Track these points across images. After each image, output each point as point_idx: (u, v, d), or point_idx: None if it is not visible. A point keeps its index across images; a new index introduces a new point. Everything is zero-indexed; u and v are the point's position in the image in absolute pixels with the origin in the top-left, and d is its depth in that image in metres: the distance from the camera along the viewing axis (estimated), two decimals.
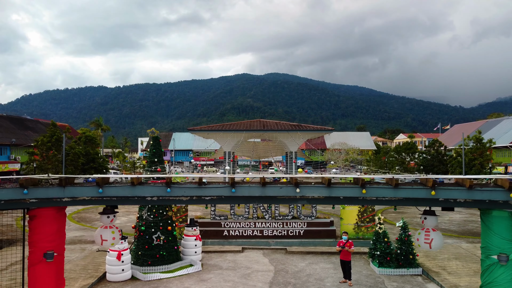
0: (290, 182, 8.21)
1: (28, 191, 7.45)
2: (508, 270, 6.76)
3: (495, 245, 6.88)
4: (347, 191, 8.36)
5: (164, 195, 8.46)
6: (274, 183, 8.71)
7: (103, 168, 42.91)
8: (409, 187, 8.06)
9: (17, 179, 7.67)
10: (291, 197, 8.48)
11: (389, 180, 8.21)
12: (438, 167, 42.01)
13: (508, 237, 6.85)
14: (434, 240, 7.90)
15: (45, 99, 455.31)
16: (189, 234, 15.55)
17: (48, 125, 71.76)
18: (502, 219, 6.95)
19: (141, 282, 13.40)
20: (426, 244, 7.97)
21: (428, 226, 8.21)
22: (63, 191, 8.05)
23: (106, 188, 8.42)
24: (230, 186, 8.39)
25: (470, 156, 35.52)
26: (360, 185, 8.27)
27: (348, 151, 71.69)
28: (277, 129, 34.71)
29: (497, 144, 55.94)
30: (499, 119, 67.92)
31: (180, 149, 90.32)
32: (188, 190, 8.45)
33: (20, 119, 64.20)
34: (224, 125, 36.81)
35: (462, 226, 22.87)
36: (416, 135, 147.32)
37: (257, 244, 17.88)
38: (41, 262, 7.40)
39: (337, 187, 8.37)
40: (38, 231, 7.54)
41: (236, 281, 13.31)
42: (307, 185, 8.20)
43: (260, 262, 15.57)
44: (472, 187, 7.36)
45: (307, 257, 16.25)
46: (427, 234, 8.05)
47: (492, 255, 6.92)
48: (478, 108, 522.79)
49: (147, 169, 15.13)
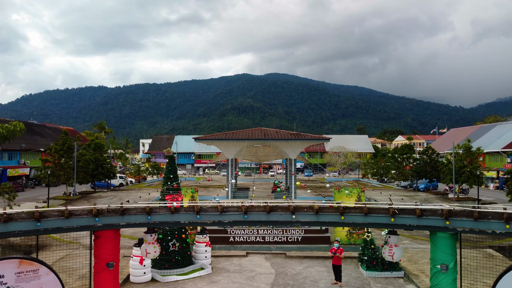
0: (288, 209, 10.31)
1: (99, 218, 9.65)
2: (448, 276, 8.98)
3: (439, 257, 9.10)
4: (330, 217, 10.46)
5: (195, 220, 10.58)
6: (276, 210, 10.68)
7: (111, 174, 45.06)
8: (375, 214, 10.20)
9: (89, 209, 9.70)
10: (289, 221, 10.59)
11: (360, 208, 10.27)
12: (431, 172, 44.12)
13: (448, 252, 9.09)
14: (396, 253, 10.15)
15: (45, 99, 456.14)
16: (200, 241, 17.73)
17: (55, 129, 73.92)
18: (444, 238, 9.16)
19: (160, 284, 15.56)
20: (390, 256, 10.20)
21: (391, 243, 10.42)
22: (123, 218, 10.19)
23: (153, 216, 10.51)
24: (243, 213, 10.48)
25: (460, 164, 37.57)
26: (340, 213, 10.33)
27: (347, 154, 73.76)
28: (277, 138, 36.85)
29: (490, 150, 58.13)
30: (493, 124, 70.06)
31: (182, 152, 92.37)
32: (212, 216, 10.58)
33: (27, 124, 66.22)
34: (227, 133, 38.92)
35: None
36: (414, 137, 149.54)
37: (259, 249, 20.04)
38: (104, 270, 9.60)
39: (322, 214, 10.46)
40: (102, 247, 9.72)
41: (243, 283, 15.47)
42: (300, 212, 10.30)
43: (263, 266, 17.74)
44: (420, 216, 9.62)
45: (304, 261, 18.42)
46: (390, 248, 10.29)
47: (437, 265, 9.12)
48: (478, 109, 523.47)
49: (164, 185, 17.28)
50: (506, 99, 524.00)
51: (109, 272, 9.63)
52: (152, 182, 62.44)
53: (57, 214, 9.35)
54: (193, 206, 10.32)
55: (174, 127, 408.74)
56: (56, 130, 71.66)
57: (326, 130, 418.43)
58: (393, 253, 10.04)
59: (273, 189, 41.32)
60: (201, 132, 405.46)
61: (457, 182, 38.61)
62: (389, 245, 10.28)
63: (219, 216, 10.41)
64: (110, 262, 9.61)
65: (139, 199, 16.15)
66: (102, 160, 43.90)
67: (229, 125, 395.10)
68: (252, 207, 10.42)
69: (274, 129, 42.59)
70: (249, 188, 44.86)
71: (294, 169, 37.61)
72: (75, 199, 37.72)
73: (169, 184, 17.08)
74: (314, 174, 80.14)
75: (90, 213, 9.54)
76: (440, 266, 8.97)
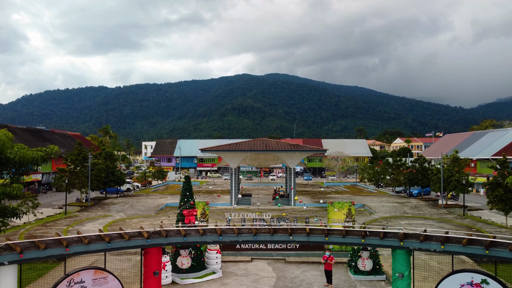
0: (287, 231, 13.24)
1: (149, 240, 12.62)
2: (404, 281, 11.90)
3: (397, 268, 12.01)
4: (318, 238, 13.38)
5: (218, 240, 13.55)
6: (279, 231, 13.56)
7: (121, 181, 48.04)
8: (351, 236, 13.15)
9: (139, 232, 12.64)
10: (288, 240, 13.55)
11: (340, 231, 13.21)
12: (422, 180, 47.05)
13: (404, 264, 12.03)
14: (367, 264, 13.14)
15: (45, 99, 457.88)
16: (212, 249, 20.71)
17: (63, 135, 76.83)
18: (401, 253, 12.08)
19: (179, 286, 18.53)
20: (363, 266, 13.17)
21: (363, 257, 13.39)
22: (166, 239, 13.14)
23: (187, 237, 13.44)
24: (253, 234, 13.40)
25: (448, 173, 40.53)
26: (325, 234, 13.25)
27: (345, 159, 76.74)
28: (278, 150, 39.84)
29: (481, 156, 61.17)
30: (485, 131, 73.00)
31: (185, 156, 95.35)
32: (231, 237, 13.55)
33: (38, 131, 69.22)
34: (231, 145, 41.87)
35: None
36: (413, 139, 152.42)
37: (262, 255, 23.03)
38: (151, 277, 12.55)
39: (312, 235, 13.38)
40: (149, 260, 12.68)
41: (249, 285, 18.46)
42: (296, 233, 13.22)
43: (266, 270, 20.73)
44: (383, 237, 12.58)
45: (301, 266, 21.41)
46: (363, 261, 13.24)
47: (396, 273, 12.04)
48: (478, 109, 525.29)
49: (181, 201, 20.24)
50: (506, 100, 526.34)
51: (155, 278, 12.56)
52: (158, 187, 65.42)
53: (119, 236, 12.31)
54: (215, 229, 13.26)
55: (174, 127, 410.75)
56: (64, 136, 74.57)
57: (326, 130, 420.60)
58: (365, 264, 12.99)
59: (273, 196, 44.29)
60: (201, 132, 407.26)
61: (445, 190, 41.66)
62: (362, 258, 13.24)
63: (236, 237, 13.36)
64: (155, 271, 12.54)
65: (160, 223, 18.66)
66: (112, 168, 46.88)
67: (229, 125, 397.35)
68: (260, 230, 13.36)
69: (275, 140, 45.56)
70: (251, 195, 47.88)
71: (294, 181, 40.57)
72: (90, 206, 40.74)
73: (186, 201, 20.07)
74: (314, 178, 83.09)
75: (141, 235, 12.46)
76: (398, 274, 11.90)
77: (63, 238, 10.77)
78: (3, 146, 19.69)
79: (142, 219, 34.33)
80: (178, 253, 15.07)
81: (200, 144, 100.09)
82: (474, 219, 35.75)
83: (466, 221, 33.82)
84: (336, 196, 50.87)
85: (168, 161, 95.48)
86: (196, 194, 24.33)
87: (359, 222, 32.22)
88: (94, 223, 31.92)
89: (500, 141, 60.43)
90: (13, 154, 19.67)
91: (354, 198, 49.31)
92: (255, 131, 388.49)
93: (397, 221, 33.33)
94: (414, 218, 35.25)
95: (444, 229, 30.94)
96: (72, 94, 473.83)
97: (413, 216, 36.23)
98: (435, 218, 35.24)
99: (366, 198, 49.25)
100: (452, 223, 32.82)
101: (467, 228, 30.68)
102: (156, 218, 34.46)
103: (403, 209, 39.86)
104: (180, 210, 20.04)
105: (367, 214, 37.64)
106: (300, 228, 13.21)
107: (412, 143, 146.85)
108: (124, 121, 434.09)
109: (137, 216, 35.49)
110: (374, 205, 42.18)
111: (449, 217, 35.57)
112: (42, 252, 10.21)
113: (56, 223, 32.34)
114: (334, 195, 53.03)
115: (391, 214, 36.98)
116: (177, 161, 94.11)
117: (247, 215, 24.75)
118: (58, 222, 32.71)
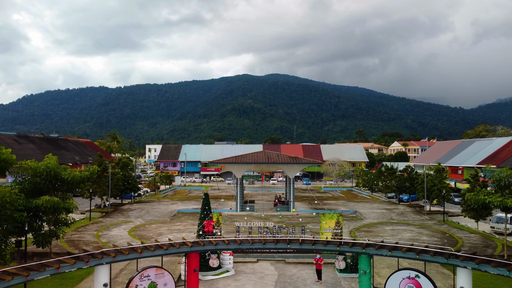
0: (285, 241, 18.35)
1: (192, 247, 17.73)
2: (366, 276, 17.01)
3: (361, 267, 17.09)
4: (307, 246, 18.48)
5: (237, 247, 18.67)
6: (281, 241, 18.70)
7: (136, 188, 53.25)
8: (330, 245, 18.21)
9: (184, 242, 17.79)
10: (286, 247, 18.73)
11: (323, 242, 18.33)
12: (409, 188, 52.30)
13: (366, 264, 17.15)
14: (341, 265, 18.32)
15: (46, 99, 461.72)
16: (226, 252, 25.89)
17: (75, 142, 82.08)
18: (364, 257, 17.18)
19: (201, 281, 23.71)
20: (338, 267, 18.36)
21: (339, 259, 18.59)
22: (203, 247, 18.25)
23: (218, 245, 18.53)
24: (263, 243, 18.55)
25: (431, 183, 45.78)
26: (312, 244, 18.39)
27: (341, 165, 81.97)
28: (279, 162, 45.07)
29: (467, 164, 66.45)
30: (473, 140, 78.19)
31: (190, 161, 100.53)
32: (247, 245, 18.70)
33: (53, 139, 74.43)
34: (236, 157, 47.09)
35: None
36: (410, 143, 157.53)
37: (266, 257, 28.22)
38: (192, 273, 17.66)
39: (304, 244, 18.51)
40: (191, 261, 17.78)
41: (256, 281, 23.65)
42: (292, 243, 18.36)
43: (269, 269, 25.92)
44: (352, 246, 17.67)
45: (298, 266, 26.61)
46: (339, 262, 18.43)
47: (361, 271, 17.17)
48: (478, 110, 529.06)
49: (201, 214, 25.41)
50: (506, 100, 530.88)
51: (194, 274, 17.65)
52: (166, 192, 70.68)
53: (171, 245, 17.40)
54: (236, 240, 18.43)
55: (175, 128, 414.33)
56: (77, 143, 79.79)
57: (326, 131, 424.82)
58: (340, 265, 18.08)
59: (275, 203, 49.53)
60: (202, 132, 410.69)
61: (428, 198, 46.96)
62: (338, 260, 18.37)
63: (250, 245, 18.49)
64: (195, 269, 17.64)
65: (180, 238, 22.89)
66: (128, 176, 52.15)
67: (230, 126, 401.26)
68: (267, 240, 18.54)
69: (276, 152, 50.80)
70: (254, 201, 53.12)
71: (293, 191, 45.84)
72: (110, 212, 45.95)
73: (206, 214, 25.27)
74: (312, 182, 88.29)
75: (186, 244, 17.57)
76: (362, 271, 16.99)
77: (137, 247, 15.95)
78: (58, 170, 24.91)
79: (159, 224, 39.55)
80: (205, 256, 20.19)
81: (204, 149, 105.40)
82: (452, 224, 40.98)
83: (443, 227, 39.04)
84: (331, 202, 56.15)
85: (173, 166, 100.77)
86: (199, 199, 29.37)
87: (349, 228, 37.53)
88: (119, 228, 37.13)
89: (485, 150, 65.67)
90: (66, 175, 24.96)
91: (348, 204, 54.60)
92: (255, 131, 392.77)
93: (383, 227, 38.56)
94: (398, 224, 40.46)
95: (422, 234, 36.16)
96: (73, 95, 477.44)
97: (397, 222, 41.43)
98: (416, 224, 40.48)
99: (359, 204, 54.47)
100: (430, 228, 38.05)
101: (442, 233, 35.93)
102: (172, 224, 39.70)
103: (390, 215, 45.08)
104: (201, 221, 25.22)
105: (358, 220, 42.86)
106: (295, 239, 18.41)
107: (409, 147, 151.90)
108: (124, 122, 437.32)
109: (155, 222, 40.71)
110: (365, 212, 47.41)
111: (429, 223, 40.80)
112: (126, 256, 15.33)
113: (85, 228, 37.54)
114: (330, 201, 58.30)
115: (379, 220, 42.20)
116: (182, 166, 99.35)
117: (253, 224, 29.97)
118: (87, 227, 37.89)
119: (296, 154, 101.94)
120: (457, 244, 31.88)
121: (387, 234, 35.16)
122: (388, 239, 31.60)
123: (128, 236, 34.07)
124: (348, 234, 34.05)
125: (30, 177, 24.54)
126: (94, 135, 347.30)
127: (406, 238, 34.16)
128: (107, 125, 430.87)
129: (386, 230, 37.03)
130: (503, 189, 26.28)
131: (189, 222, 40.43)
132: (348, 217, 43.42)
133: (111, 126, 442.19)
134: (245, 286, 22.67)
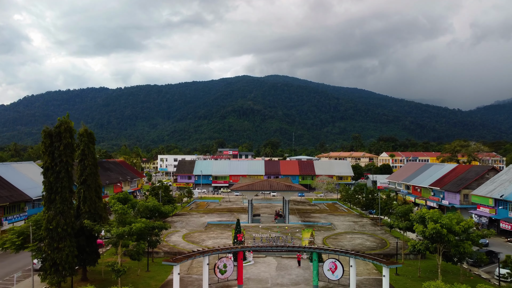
0: (282, 246, 40.84)
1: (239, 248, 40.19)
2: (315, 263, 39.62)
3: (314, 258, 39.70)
4: (292, 249, 41.17)
5: (256, 249, 41.38)
6: (280, 246, 41.57)
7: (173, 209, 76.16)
8: (305, 249, 40.85)
9: (235, 246, 40.56)
10: (282, 249, 41.54)
11: (298, 246, 41.03)
12: (372, 205, 75.60)
13: (316, 258, 39.89)
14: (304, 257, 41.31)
15: (47, 100, 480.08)
16: (249, 252, 48.81)
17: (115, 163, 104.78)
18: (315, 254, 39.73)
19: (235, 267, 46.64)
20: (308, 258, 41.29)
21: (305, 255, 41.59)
22: (245, 249, 40.80)
23: (246, 248, 41.26)
24: (270, 247, 41.24)
25: (383, 204, 69.06)
26: (293, 247, 41.12)
27: (329, 182, 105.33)
28: (278, 190, 68.23)
29: (423, 185, 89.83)
30: (431, 164, 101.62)
31: (202, 174, 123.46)
32: (264, 248, 41.38)
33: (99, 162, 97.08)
34: (248, 185, 70.03)
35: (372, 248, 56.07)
36: (396, 153, 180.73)
37: (270, 254, 51.15)
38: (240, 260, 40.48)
39: (290, 247, 41.23)
40: (239, 256, 40.39)
41: (266, 266, 46.69)
42: (285, 246, 41.00)
43: (272, 261, 48.95)
44: (309, 248, 40.18)
45: (288, 259, 49.62)
46: (304, 255, 41.28)
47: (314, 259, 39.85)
48: (476, 111, 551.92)
49: (235, 229, 48.30)
50: (505, 102, 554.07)
51: (241, 261, 40.32)
52: (190, 205, 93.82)
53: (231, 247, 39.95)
54: (260, 246, 41.14)
55: (175, 129, 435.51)
56: (115, 163, 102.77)
57: (325, 132, 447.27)
58: (304, 257, 40.90)
59: (275, 217, 72.59)
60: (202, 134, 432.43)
61: (382, 213, 70.18)
62: (305, 255, 41.19)
63: (266, 249, 41.04)
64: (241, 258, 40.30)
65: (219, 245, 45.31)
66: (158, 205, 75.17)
67: (230, 128, 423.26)
68: (271, 246, 41.27)
69: (276, 181, 73.96)
70: (259, 214, 76.40)
71: (288, 210, 68.93)
72: None
73: (238, 230, 48.17)
74: (306, 194, 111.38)
75: (233, 248, 40.09)
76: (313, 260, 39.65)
77: (215, 248, 38.71)
78: (158, 206, 47.83)
79: (199, 233, 62.48)
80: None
81: (214, 164, 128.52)
82: (393, 233, 64.01)
83: (386, 235, 62.06)
84: (317, 215, 79.32)
85: (188, 178, 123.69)
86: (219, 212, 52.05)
87: (323, 236, 60.46)
88: (175, 236, 60.01)
89: (437, 174, 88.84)
90: (164, 209, 48.00)
91: (328, 217, 77.80)
92: (255, 133, 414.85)
93: (345, 236, 61.58)
94: (357, 233, 63.49)
95: (368, 240, 59.16)
96: (74, 95, 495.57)
97: (358, 232, 64.47)
98: (369, 233, 63.54)
99: (336, 217, 77.67)
100: (376, 236, 61.10)
101: (380, 240, 58.91)
102: (207, 233, 62.64)
103: (355, 226, 68.20)
104: (235, 234, 48.06)
105: (331, 230, 65.91)
106: (287, 246, 41.28)
107: (396, 157, 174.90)
108: (125, 122, 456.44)
109: (195, 231, 63.63)
110: (338, 223, 70.57)
111: (378, 233, 63.86)
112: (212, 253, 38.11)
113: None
114: (316, 214, 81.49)
115: (345, 230, 65.29)
116: (196, 179, 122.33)
117: (262, 234, 53.04)
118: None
119: (293, 168, 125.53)
120: (385, 246, 54.89)
121: (346, 240, 58.16)
122: (345, 243, 54.82)
123: (183, 241, 56.95)
124: (321, 241, 56.93)
125: (142, 210, 47.44)
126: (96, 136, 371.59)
127: (356, 243, 57.12)
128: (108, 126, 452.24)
129: (346, 238, 60.07)
130: (402, 217, 49.36)
131: (218, 232, 63.35)
132: (325, 228, 66.49)
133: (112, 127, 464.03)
134: (260, 268, 45.84)
